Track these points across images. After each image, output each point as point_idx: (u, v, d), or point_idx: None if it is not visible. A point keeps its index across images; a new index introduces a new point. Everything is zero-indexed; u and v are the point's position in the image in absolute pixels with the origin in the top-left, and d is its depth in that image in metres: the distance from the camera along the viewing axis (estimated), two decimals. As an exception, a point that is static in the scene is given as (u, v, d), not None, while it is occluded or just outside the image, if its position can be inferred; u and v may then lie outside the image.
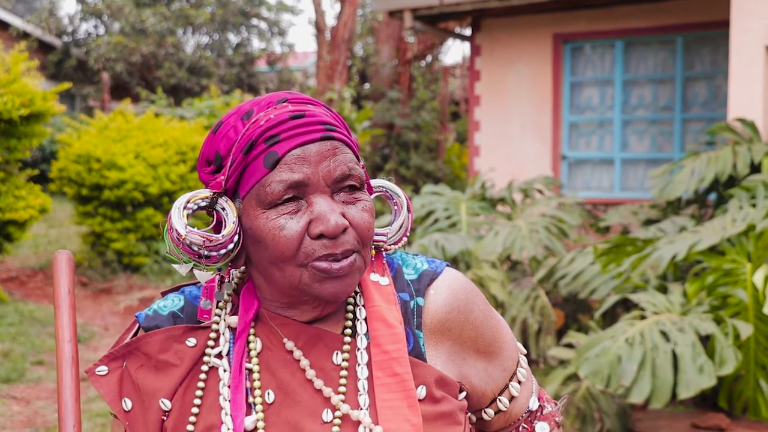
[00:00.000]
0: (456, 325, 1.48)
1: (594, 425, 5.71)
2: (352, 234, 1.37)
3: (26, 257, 11.67)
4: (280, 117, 1.37)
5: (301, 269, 1.36)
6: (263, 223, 1.36)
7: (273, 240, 1.35)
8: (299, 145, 1.36)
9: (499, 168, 10.41)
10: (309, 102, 1.44)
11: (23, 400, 6.23)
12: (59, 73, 23.07)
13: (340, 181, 1.37)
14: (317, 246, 1.35)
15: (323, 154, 1.37)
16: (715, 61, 10.25)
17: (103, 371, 1.46)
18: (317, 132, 1.37)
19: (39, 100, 8.48)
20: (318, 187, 1.36)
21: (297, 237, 1.34)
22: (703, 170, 7.28)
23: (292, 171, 1.35)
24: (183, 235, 1.38)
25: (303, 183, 1.35)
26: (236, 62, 23.50)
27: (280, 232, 1.35)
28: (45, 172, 15.26)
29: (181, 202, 1.41)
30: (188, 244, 1.39)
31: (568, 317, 7.23)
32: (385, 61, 17.45)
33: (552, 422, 1.64)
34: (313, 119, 1.38)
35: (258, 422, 1.38)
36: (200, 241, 1.38)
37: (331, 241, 1.35)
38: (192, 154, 10.99)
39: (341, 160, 1.38)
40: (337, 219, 1.34)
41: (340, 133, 1.41)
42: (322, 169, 1.36)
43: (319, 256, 1.35)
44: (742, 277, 5.62)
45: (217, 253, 1.40)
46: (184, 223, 1.40)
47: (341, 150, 1.39)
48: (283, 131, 1.36)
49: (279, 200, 1.35)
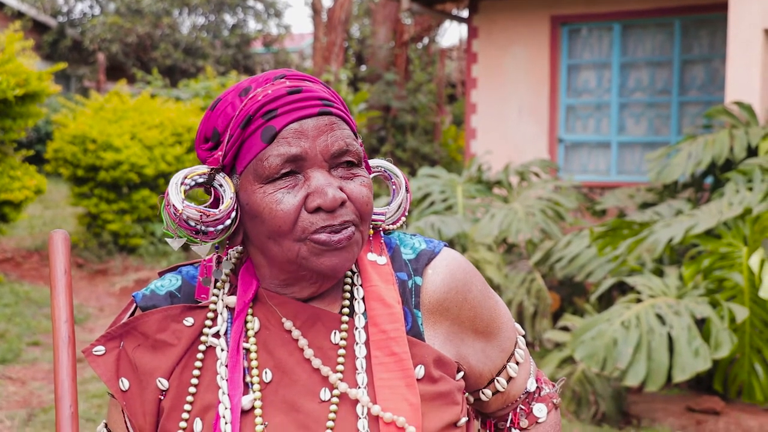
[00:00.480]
0: (454, 305, 1.48)
1: (589, 408, 5.73)
2: (350, 208, 1.36)
3: (22, 238, 11.65)
4: (277, 92, 1.37)
5: (299, 244, 1.36)
6: (260, 198, 1.36)
7: (270, 214, 1.35)
8: (297, 119, 1.36)
9: (495, 151, 10.39)
10: (306, 79, 1.43)
11: (19, 380, 6.23)
12: (54, 53, 22.97)
13: (337, 156, 1.37)
14: (315, 219, 1.34)
15: (321, 128, 1.36)
16: (713, 45, 10.23)
17: (100, 351, 1.46)
18: (314, 107, 1.37)
19: (34, 80, 8.44)
20: (315, 162, 1.36)
21: (294, 211, 1.34)
22: (699, 154, 7.27)
23: (290, 145, 1.35)
24: (180, 210, 1.38)
25: (300, 157, 1.35)
26: (232, 43, 23.42)
27: (277, 206, 1.34)
28: (40, 152, 15.20)
29: (178, 177, 1.41)
30: (185, 220, 1.39)
31: (563, 300, 7.24)
32: (381, 43, 17.40)
33: (550, 404, 1.63)
34: (310, 94, 1.38)
35: (255, 401, 1.38)
36: (197, 216, 1.38)
37: (328, 214, 1.34)
38: (188, 135, 10.96)
39: (339, 135, 1.37)
40: (335, 192, 1.34)
41: (338, 108, 1.40)
42: (319, 144, 1.35)
43: (316, 229, 1.34)
44: (738, 261, 5.63)
45: (214, 229, 1.40)
46: (181, 198, 1.39)
47: (339, 125, 1.38)
48: (281, 106, 1.36)
49: (276, 174, 1.35)
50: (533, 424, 1.62)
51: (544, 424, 1.62)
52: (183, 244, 1.45)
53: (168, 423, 1.41)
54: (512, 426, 1.62)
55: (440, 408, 1.41)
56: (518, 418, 1.62)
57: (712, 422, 5.54)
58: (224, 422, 1.36)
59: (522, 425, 1.62)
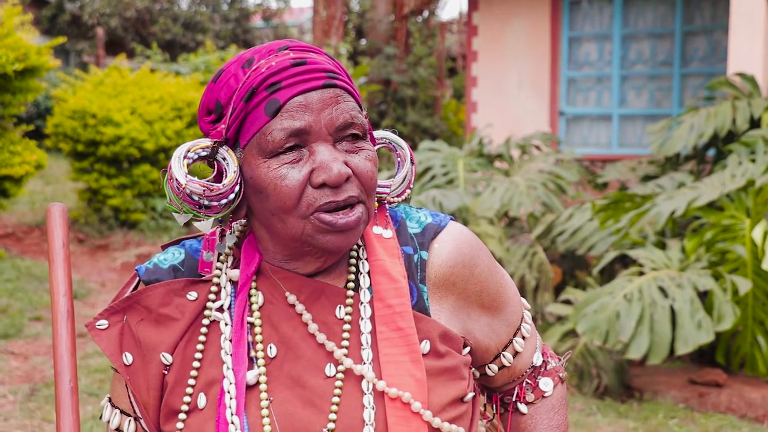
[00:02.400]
0: (460, 280, 1.46)
1: (591, 381, 5.73)
2: (355, 183, 1.34)
3: (22, 213, 11.64)
4: (281, 64, 1.34)
5: (303, 221, 1.34)
6: (264, 173, 1.34)
7: (274, 190, 1.33)
8: (301, 92, 1.33)
9: (496, 124, 10.35)
10: (311, 50, 1.40)
11: (21, 355, 6.24)
12: (53, 28, 22.84)
13: (342, 129, 1.35)
14: (319, 195, 1.32)
15: (325, 101, 1.34)
16: (715, 15, 10.17)
17: (103, 325, 1.44)
18: (319, 79, 1.34)
19: (33, 54, 8.40)
20: (320, 135, 1.33)
21: (299, 186, 1.32)
22: (702, 125, 7.25)
23: (294, 118, 1.32)
24: (183, 184, 1.36)
25: (305, 131, 1.32)
26: (231, 17, 23.31)
27: (282, 181, 1.32)
28: (40, 128, 15.16)
29: (181, 151, 1.39)
30: (188, 194, 1.36)
31: (565, 274, 7.23)
32: (381, 16, 17.30)
33: (556, 378, 1.63)
34: (315, 66, 1.35)
35: (260, 376, 1.37)
36: (200, 190, 1.36)
37: (333, 189, 1.32)
38: (188, 110, 10.92)
39: (344, 108, 1.35)
40: (340, 167, 1.31)
41: (343, 81, 1.37)
42: (324, 117, 1.33)
43: (320, 205, 1.32)
44: (741, 233, 5.62)
45: (218, 203, 1.38)
46: (185, 172, 1.37)
47: (344, 98, 1.36)
48: (285, 78, 1.33)
49: (280, 149, 1.33)
50: (539, 398, 1.61)
51: (551, 398, 1.62)
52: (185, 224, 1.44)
53: (172, 398, 1.40)
54: (518, 400, 1.62)
55: (446, 383, 1.40)
56: (524, 393, 1.61)
57: (714, 394, 5.54)
58: (229, 397, 1.35)
59: (528, 399, 1.61)
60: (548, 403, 1.62)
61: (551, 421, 1.61)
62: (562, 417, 1.63)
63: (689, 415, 5.37)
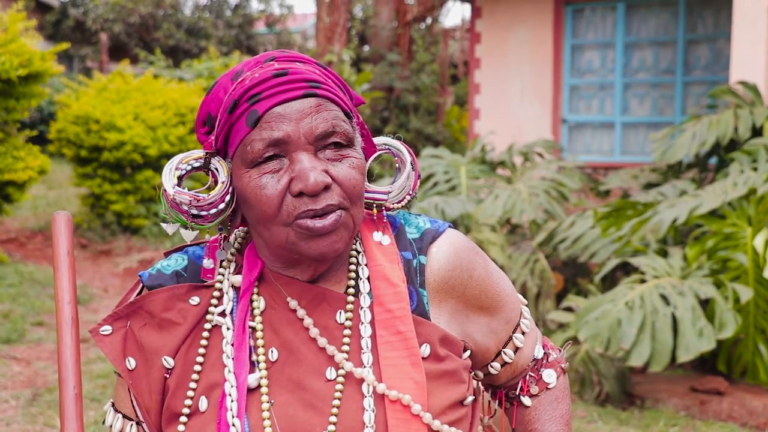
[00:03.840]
0: (459, 284, 1.48)
1: (593, 389, 5.73)
2: (336, 191, 1.35)
3: (25, 218, 11.66)
4: (263, 75, 1.37)
5: (286, 229, 1.36)
6: (246, 183, 1.37)
7: (255, 199, 1.36)
8: (279, 102, 1.35)
9: (499, 131, 10.37)
10: (298, 60, 1.42)
11: (24, 360, 6.25)
12: (57, 33, 22.91)
13: (322, 138, 1.36)
14: (299, 203, 1.34)
15: (305, 111, 1.35)
16: (718, 24, 10.18)
17: (107, 331, 1.46)
18: (299, 89, 1.36)
19: (37, 60, 8.42)
20: (299, 145, 1.35)
21: (278, 196, 1.34)
22: (704, 134, 7.25)
23: (272, 129, 1.34)
24: (171, 194, 1.39)
25: (283, 141, 1.34)
26: (235, 24, 23.36)
27: (261, 191, 1.35)
28: (43, 133, 15.19)
29: (173, 163, 1.43)
30: (178, 204, 1.40)
31: (567, 281, 7.23)
32: (384, 23, 17.33)
33: (558, 369, 1.65)
34: (296, 77, 1.37)
35: (261, 380, 1.38)
36: (188, 200, 1.40)
37: (311, 198, 1.34)
38: (191, 115, 10.94)
39: (324, 116, 1.36)
40: (317, 176, 1.33)
41: (326, 90, 1.39)
42: (303, 127, 1.35)
43: (299, 213, 1.34)
44: (742, 241, 5.62)
45: (207, 213, 1.41)
46: (173, 183, 1.41)
47: (325, 107, 1.37)
48: (265, 89, 1.36)
49: (260, 159, 1.35)
50: (543, 389, 1.63)
51: (554, 389, 1.64)
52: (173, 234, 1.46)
53: (173, 401, 1.41)
54: (522, 393, 1.64)
55: (446, 386, 1.41)
56: (528, 386, 1.63)
57: (715, 402, 5.54)
58: (230, 400, 1.36)
59: (533, 392, 1.63)
60: (551, 394, 1.64)
61: (555, 411, 1.63)
62: (566, 406, 1.65)
63: (690, 422, 5.36)
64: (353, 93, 1.49)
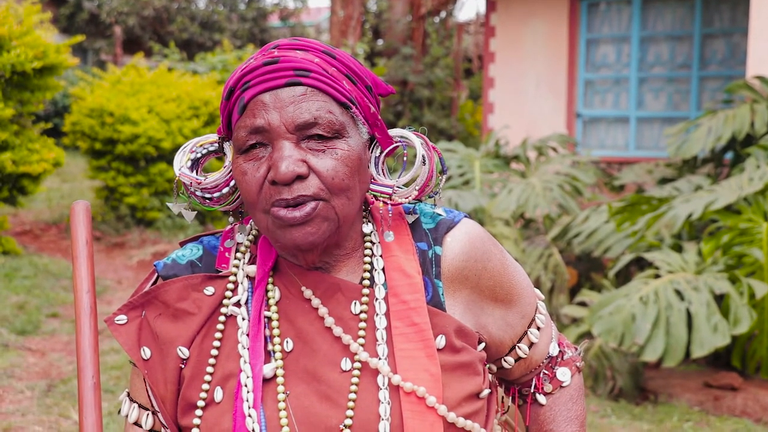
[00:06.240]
0: (473, 274, 1.47)
1: (606, 383, 5.72)
2: (314, 182, 1.34)
3: (40, 211, 11.71)
4: (256, 63, 1.37)
5: (266, 216, 1.37)
6: (235, 168, 1.39)
7: (240, 185, 1.38)
8: (263, 90, 1.36)
9: (513, 125, 10.33)
10: (300, 47, 1.41)
11: (38, 351, 6.28)
12: (71, 26, 22.95)
13: (304, 128, 1.35)
14: (274, 191, 1.34)
15: (288, 100, 1.35)
16: (734, 18, 10.12)
17: (122, 320, 1.46)
18: (283, 78, 1.36)
19: (52, 52, 8.45)
20: (280, 134, 1.34)
21: (256, 183, 1.35)
22: (720, 129, 7.21)
23: (255, 117, 1.35)
24: (176, 175, 1.43)
25: (264, 129, 1.35)
26: (249, 17, 23.35)
27: (243, 177, 1.37)
28: (58, 126, 15.24)
29: (187, 146, 1.46)
30: (187, 185, 1.45)
31: (581, 276, 7.22)
32: (398, 16, 17.30)
33: (573, 367, 1.63)
34: (285, 65, 1.36)
35: (277, 370, 1.38)
36: (189, 182, 1.43)
37: (284, 187, 1.33)
38: (205, 108, 10.95)
39: (308, 107, 1.35)
40: (289, 165, 1.32)
41: (316, 78, 1.36)
42: (284, 115, 1.34)
43: (274, 201, 1.34)
44: (758, 237, 5.59)
45: (211, 195, 1.45)
46: (181, 165, 1.44)
47: (311, 97, 1.36)
48: (254, 77, 1.37)
49: (244, 146, 1.37)
50: (557, 388, 1.62)
51: (568, 388, 1.62)
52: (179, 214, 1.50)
53: (189, 391, 1.41)
54: (536, 391, 1.62)
55: (462, 378, 1.40)
56: (542, 383, 1.62)
57: (729, 398, 5.52)
58: (246, 391, 1.36)
59: (546, 390, 1.62)
60: (566, 394, 1.62)
61: (570, 412, 1.62)
62: (581, 407, 1.63)
63: (704, 418, 5.35)
64: (378, 82, 1.47)
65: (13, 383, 5.56)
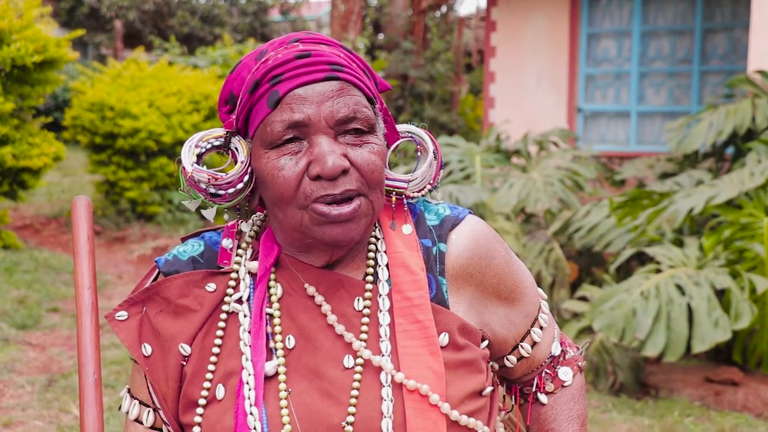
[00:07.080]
0: (478, 271, 1.46)
1: (607, 378, 5.72)
2: (355, 176, 1.34)
3: (40, 205, 11.70)
4: (286, 56, 1.35)
5: (301, 211, 1.35)
6: (265, 163, 1.36)
7: (272, 180, 1.35)
8: (301, 84, 1.34)
9: (514, 120, 10.32)
10: (322, 42, 1.41)
11: (39, 346, 6.28)
12: (71, 20, 22.90)
13: (343, 122, 1.34)
14: (316, 187, 1.33)
15: (326, 94, 1.34)
16: (736, 13, 10.10)
17: (122, 316, 1.45)
18: (321, 72, 1.35)
19: (52, 46, 8.43)
20: (319, 128, 1.34)
21: (295, 178, 1.33)
22: (721, 123, 7.21)
23: (293, 111, 1.33)
24: (189, 171, 1.39)
25: (303, 123, 1.33)
26: (249, 11, 23.32)
27: (279, 172, 1.34)
28: (58, 120, 15.21)
29: (192, 140, 1.42)
30: (196, 182, 1.40)
31: (582, 270, 7.21)
32: (399, 11, 17.28)
33: (575, 367, 1.63)
34: (319, 59, 1.36)
35: (279, 367, 1.37)
36: (206, 178, 1.39)
37: (330, 182, 1.32)
38: (205, 103, 10.94)
39: (346, 101, 1.35)
40: (335, 160, 1.31)
41: (348, 73, 1.37)
42: (324, 110, 1.33)
43: (317, 197, 1.33)
44: (759, 231, 5.59)
45: (225, 192, 1.41)
46: (192, 160, 1.40)
47: (347, 91, 1.36)
48: (287, 71, 1.35)
49: (279, 140, 1.34)
50: (559, 387, 1.61)
51: (570, 387, 1.62)
52: (197, 209, 1.46)
53: (190, 388, 1.40)
54: (538, 390, 1.62)
55: (465, 376, 1.40)
56: (544, 383, 1.61)
57: (730, 393, 5.52)
58: (248, 388, 1.35)
59: (548, 389, 1.61)
60: (568, 393, 1.61)
61: (571, 411, 1.61)
62: (582, 406, 1.63)
63: (705, 413, 5.35)
64: (378, 78, 1.47)
65: (14, 378, 5.56)
